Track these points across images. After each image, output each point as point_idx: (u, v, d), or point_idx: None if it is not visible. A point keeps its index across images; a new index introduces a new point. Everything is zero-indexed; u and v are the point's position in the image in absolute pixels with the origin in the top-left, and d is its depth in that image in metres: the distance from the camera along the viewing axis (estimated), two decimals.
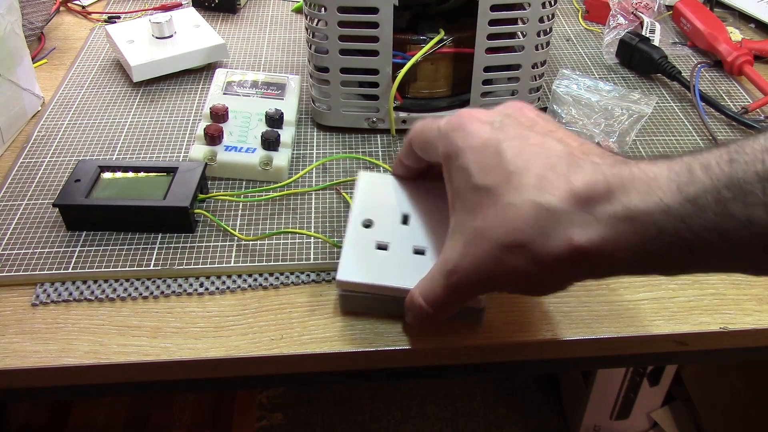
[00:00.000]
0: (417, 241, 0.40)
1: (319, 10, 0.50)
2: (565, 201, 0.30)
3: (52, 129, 0.57)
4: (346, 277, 0.39)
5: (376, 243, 0.40)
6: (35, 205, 0.49)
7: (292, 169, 0.53)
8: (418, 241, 0.40)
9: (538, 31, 0.52)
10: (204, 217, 0.48)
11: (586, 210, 0.30)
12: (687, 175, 0.28)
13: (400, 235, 0.41)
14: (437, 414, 1.22)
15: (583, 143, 0.33)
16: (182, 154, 0.55)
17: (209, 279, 0.44)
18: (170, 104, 0.61)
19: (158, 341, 0.40)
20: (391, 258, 0.40)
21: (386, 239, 0.41)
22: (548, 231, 0.30)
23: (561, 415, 1.21)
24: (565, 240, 0.30)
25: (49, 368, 0.39)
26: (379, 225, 0.41)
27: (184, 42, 0.65)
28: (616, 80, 0.65)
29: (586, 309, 0.43)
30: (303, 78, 0.62)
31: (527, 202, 0.30)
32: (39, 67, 0.66)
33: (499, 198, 0.31)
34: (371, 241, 0.40)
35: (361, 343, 0.40)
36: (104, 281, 0.44)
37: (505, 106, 0.36)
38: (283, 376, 0.43)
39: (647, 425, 1.16)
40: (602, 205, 0.29)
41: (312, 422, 1.20)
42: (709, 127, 0.58)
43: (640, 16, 0.69)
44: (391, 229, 0.41)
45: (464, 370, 0.44)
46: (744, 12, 0.76)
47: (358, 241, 0.40)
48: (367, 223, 0.41)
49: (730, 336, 0.42)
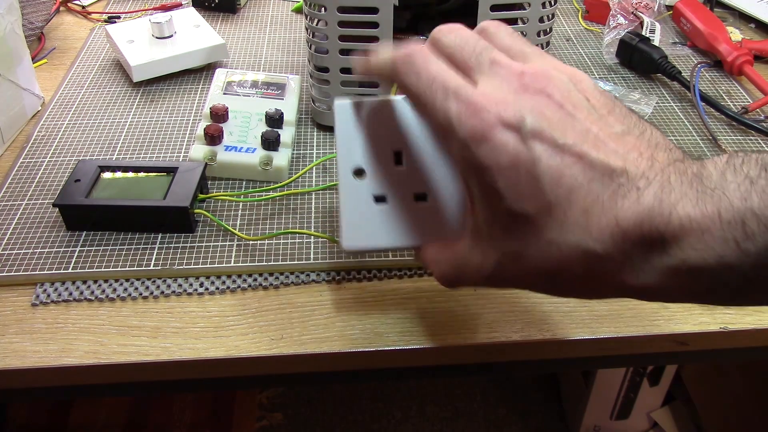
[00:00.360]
0: (416, 185, 0.37)
1: (319, 10, 0.50)
2: (616, 247, 0.28)
3: (52, 129, 0.57)
4: (352, 243, 0.37)
5: (373, 196, 0.37)
6: (35, 205, 0.49)
7: (292, 169, 0.53)
8: (417, 186, 0.37)
9: (538, 31, 0.53)
10: (204, 217, 0.48)
11: (639, 257, 0.28)
12: (741, 228, 0.26)
13: (396, 181, 0.37)
14: (437, 414, 1.22)
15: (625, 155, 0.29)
16: (182, 154, 0.55)
17: (209, 279, 0.44)
18: (170, 104, 0.61)
19: (158, 341, 0.40)
20: (392, 211, 0.37)
21: (383, 189, 0.37)
22: (601, 276, 0.29)
23: (561, 415, 1.21)
24: (617, 282, 0.28)
25: (49, 368, 0.39)
26: (371, 171, 0.37)
27: (184, 42, 0.65)
28: (616, 80, 0.65)
29: (586, 309, 0.43)
30: (303, 78, 0.62)
31: (575, 247, 0.28)
32: (39, 67, 0.66)
33: (541, 231, 0.29)
34: (367, 195, 0.37)
35: (361, 343, 0.40)
36: (104, 281, 0.44)
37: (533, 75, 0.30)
38: (283, 376, 0.43)
39: (647, 425, 1.16)
40: (657, 256, 0.27)
41: (312, 422, 1.20)
42: (709, 127, 0.58)
43: (640, 16, 0.69)
44: (386, 174, 0.37)
45: (464, 370, 0.44)
46: (744, 12, 0.76)
47: (353, 197, 0.37)
48: (358, 171, 0.37)
49: (730, 336, 0.42)
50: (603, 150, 0.28)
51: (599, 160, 0.28)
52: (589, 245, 0.28)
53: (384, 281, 0.44)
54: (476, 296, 0.43)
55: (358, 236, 0.37)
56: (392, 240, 0.37)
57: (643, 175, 0.28)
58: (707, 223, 0.26)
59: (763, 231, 0.25)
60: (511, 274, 0.31)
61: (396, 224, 0.37)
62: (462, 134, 0.29)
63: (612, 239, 0.28)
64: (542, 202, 0.28)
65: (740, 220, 0.26)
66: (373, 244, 0.37)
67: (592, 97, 0.31)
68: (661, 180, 0.28)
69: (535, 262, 0.30)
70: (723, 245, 0.26)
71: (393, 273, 0.45)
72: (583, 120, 0.29)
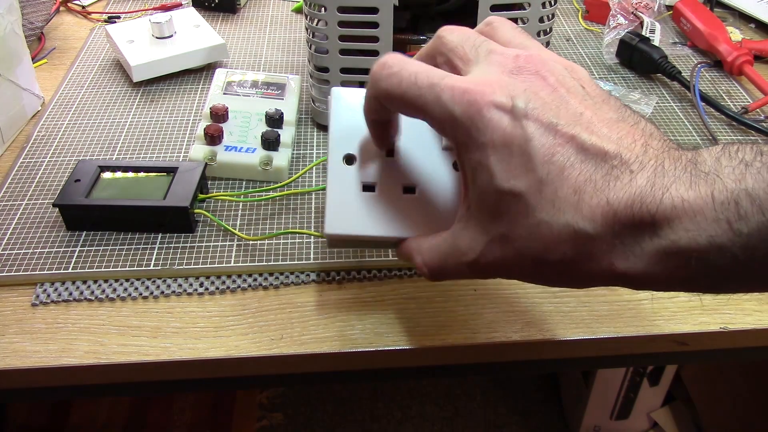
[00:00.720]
0: (405, 177, 0.37)
1: (319, 10, 0.50)
2: (606, 227, 0.28)
3: (52, 129, 0.57)
4: (334, 229, 0.36)
5: (362, 184, 0.37)
6: (35, 205, 0.49)
7: (292, 169, 0.53)
8: (406, 178, 0.36)
9: (538, 31, 0.53)
10: (204, 217, 0.48)
11: (630, 240, 0.27)
12: (735, 208, 0.25)
13: (386, 172, 0.37)
14: (437, 414, 1.22)
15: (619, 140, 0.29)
16: (182, 154, 0.55)
17: (209, 279, 0.44)
18: (170, 104, 0.61)
19: (158, 341, 0.40)
20: (379, 200, 0.36)
21: (372, 178, 0.37)
22: (590, 256, 0.28)
23: (561, 415, 1.21)
24: (606, 265, 0.28)
25: (49, 368, 0.39)
26: (362, 159, 0.37)
27: (184, 42, 0.65)
28: (616, 80, 0.65)
29: (586, 309, 0.43)
30: (303, 78, 0.62)
31: (565, 226, 0.28)
32: (39, 67, 0.66)
33: (531, 210, 0.29)
34: (356, 181, 0.37)
35: (361, 343, 0.40)
36: (104, 281, 0.44)
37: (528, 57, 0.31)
38: (283, 376, 0.43)
39: (647, 425, 1.16)
40: (648, 239, 0.27)
41: (312, 422, 1.20)
42: (709, 127, 0.58)
43: (640, 16, 0.69)
44: (376, 163, 0.37)
45: (464, 370, 0.44)
46: (744, 12, 0.76)
47: (341, 182, 0.37)
48: (349, 158, 0.37)
49: (730, 336, 0.42)
50: (596, 133, 0.29)
51: (592, 142, 0.28)
52: (578, 224, 0.28)
53: (384, 281, 0.44)
54: (476, 296, 0.43)
55: (341, 223, 0.36)
56: (375, 229, 0.36)
57: (636, 160, 0.28)
58: (700, 204, 0.26)
59: (756, 212, 0.25)
60: (497, 259, 0.31)
61: (382, 214, 0.36)
62: (457, 114, 0.29)
63: (603, 219, 0.27)
64: (532, 180, 0.28)
65: (734, 201, 0.25)
66: (356, 231, 0.36)
67: (587, 86, 0.31)
68: (654, 165, 0.28)
69: (523, 243, 0.29)
70: (715, 226, 0.26)
71: (393, 273, 0.45)
72: (577, 104, 0.29)
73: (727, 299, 0.43)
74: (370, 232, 0.36)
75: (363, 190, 0.36)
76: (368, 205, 0.36)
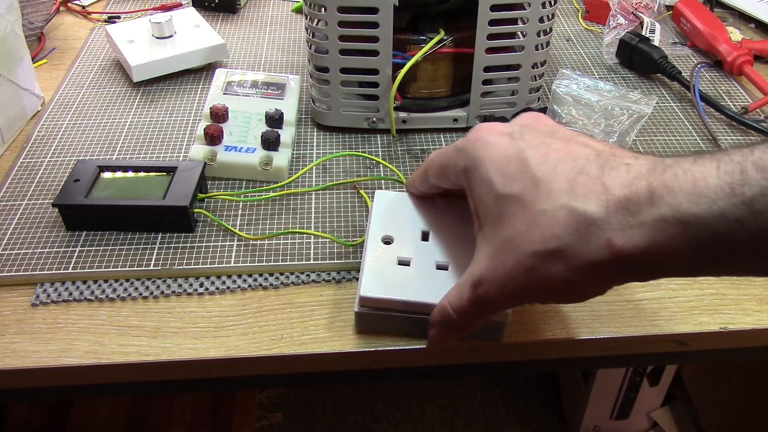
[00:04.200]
0: (439, 256, 0.40)
1: (319, 10, 0.50)
2: (602, 205, 0.28)
3: (52, 129, 0.57)
4: (369, 293, 0.38)
5: (398, 259, 0.40)
6: (35, 205, 0.49)
7: (292, 169, 0.53)
8: (440, 257, 0.40)
9: (538, 31, 0.53)
10: (204, 216, 0.48)
11: (626, 214, 0.28)
12: (740, 175, 0.26)
13: (421, 251, 0.40)
14: (437, 414, 1.22)
15: (612, 146, 0.31)
16: (182, 154, 0.55)
17: (209, 279, 0.44)
18: (170, 104, 0.61)
19: (158, 341, 0.40)
20: (414, 274, 0.39)
21: (408, 255, 0.40)
22: (587, 236, 0.29)
23: (561, 415, 1.21)
24: (605, 244, 0.28)
25: (49, 368, 0.39)
26: (399, 241, 0.41)
27: (184, 42, 0.65)
28: (616, 80, 0.65)
29: (586, 309, 0.43)
30: (303, 78, 0.62)
31: (561, 208, 0.29)
32: (39, 67, 0.66)
33: (528, 205, 0.30)
34: (393, 258, 0.40)
35: (362, 343, 0.40)
36: (104, 281, 0.44)
37: (522, 117, 0.35)
38: (283, 376, 0.43)
39: (647, 425, 1.16)
40: (646, 209, 0.28)
41: (312, 422, 1.20)
42: (709, 127, 0.58)
43: (640, 16, 0.69)
44: (412, 245, 0.40)
45: (464, 370, 0.44)
46: (744, 12, 0.76)
47: (379, 258, 0.40)
48: (387, 240, 0.41)
49: (730, 336, 0.42)
50: (589, 145, 0.32)
51: (585, 143, 0.32)
52: (573, 204, 0.29)
53: None
54: None
55: (376, 287, 0.38)
56: (408, 295, 0.38)
57: (631, 156, 0.30)
58: (703, 171, 0.27)
59: (761, 177, 0.25)
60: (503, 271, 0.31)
61: (415, 284, 0.39)
62: (461, 146, 0.35)
63: (597, 198, 0.29)
64: (528, 180, 0.31)
65: (738, 169, 0.26)
66: (389, 295, 0.38)
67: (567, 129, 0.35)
68: (653, 158, 0.29)
69: (524, 238, 0.30)
70: (717, 191, 0.26)
71: None
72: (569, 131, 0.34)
73: (727, 299, 0.44)
74: (404, 297, 0.38)
75: (399, 264, 0.40)
76: (403, 277, 0.39)
